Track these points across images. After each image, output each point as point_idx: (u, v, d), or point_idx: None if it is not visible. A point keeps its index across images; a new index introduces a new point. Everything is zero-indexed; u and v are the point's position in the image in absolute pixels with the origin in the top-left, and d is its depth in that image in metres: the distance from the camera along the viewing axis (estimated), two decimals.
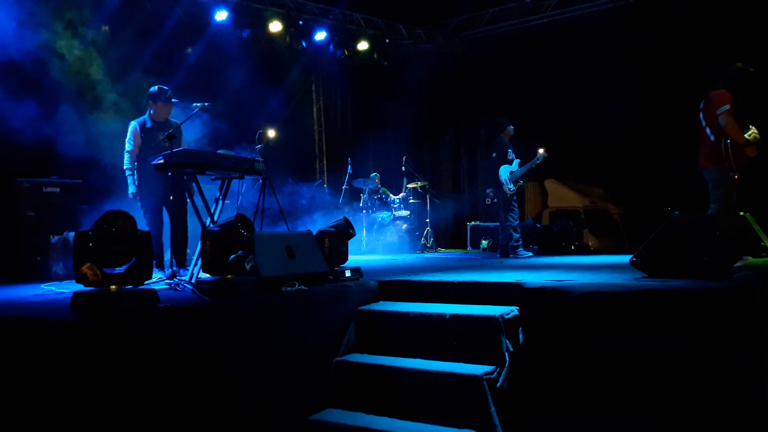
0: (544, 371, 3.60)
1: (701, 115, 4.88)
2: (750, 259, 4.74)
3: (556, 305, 3.61)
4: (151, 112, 5.31)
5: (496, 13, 11.21)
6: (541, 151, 7.46)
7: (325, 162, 12.08)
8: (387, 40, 11.16)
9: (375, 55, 11.08)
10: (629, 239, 9.77)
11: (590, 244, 9.19)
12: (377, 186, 9.85)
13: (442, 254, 9.21)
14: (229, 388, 3.13)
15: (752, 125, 4.84)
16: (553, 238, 7.81)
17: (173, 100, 5.31)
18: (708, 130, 4.78)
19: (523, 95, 10.63)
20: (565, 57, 10.39)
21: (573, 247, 7.99)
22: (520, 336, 3.73)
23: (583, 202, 10.71)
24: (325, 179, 11.80)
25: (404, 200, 9.83)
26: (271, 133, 7.43)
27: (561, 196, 11.07)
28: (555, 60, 10.55)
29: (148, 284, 3.81)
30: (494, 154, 7.63)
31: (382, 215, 9.54)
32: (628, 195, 10.54)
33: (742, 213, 5.31)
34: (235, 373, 3.17)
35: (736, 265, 4.18)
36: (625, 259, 4.40)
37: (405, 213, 9.70)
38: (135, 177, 5.25)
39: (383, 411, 3.59)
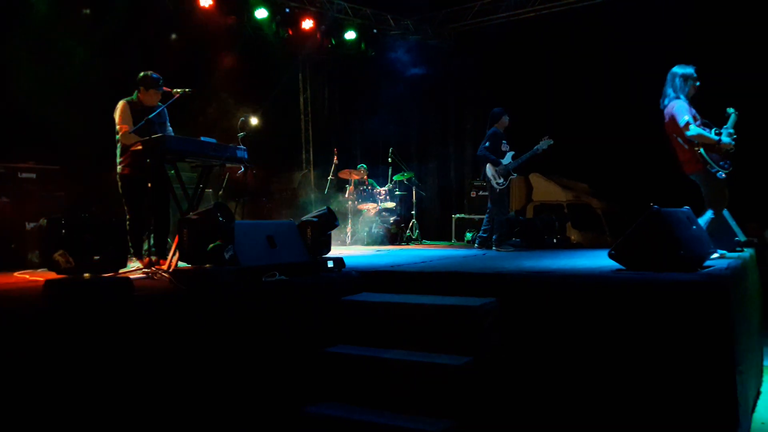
0: (522, 361, 3.62)
1: (666, 129, 4.95)
2: (725, 253, 4.80)
3: (534, 296, 3.65)
4: (140, 96, 5.19)
5: (484, 6, 11.20)
6: (545, 138, 7.19)
7: (311, 152, 12.01)
8: (375, 30, 11.11)
9: (362, 45, 11.03)
10: (611, 233, 9.85)
11: (573, 238, 9.25)
12: (363, 177, 9.82)
13: (427, 246, 9.21)
14: (207, 380, 3.10)
15: (732, 107, 4.90)
16: (536, 231, 7.84)
17: (162, 88, 5.20)
18: (680, 140, 4.85)
19: (510, 89, 10.64)
20: (550, 51, 10.42)
21: (555, 241, 8.03)
22: (500, 327, 3.74)
23: (567, 197, 10.78)
24: (312, 169, 11.74)
25: (390, 192, 9.81)
26: (254, 121, 7.36)
27: (545, 190, 11.14)
28: (541, 54, 10.57)
29: (124, 273, 3.78)
30: (487, 143, 7.36)
31: (368, 206, 9.52)
32: (611, 190, 10.63)
33: None
34: (214, 363, 3.14)
35: (711, 258, 4.23)
36: (604, 252, 4.44)
37: (391, 205, 9.68)
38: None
39: (366, 402, 3.60)
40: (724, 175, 4.77)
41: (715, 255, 4.45)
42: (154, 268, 4.23)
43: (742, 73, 8.52)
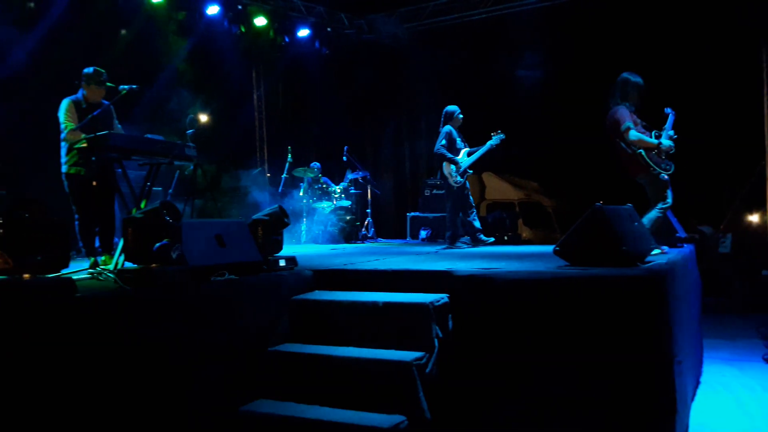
0: (473, 356, 3.69)
1: (609, 134, 5.11)
2: (666, 249, 4.97)
3: (482, 292, 3.72)
4: (84, 93, 5.07)
5: (438, 6, 11.31)
6: (497, 132, 7.22)
7: (266, 150, 11.90)
8: (329, 29, 11.08)
9: (316, 44, 10.98)
10: (561, 231, 10.10)
11: (524, 235, 9.46)
12: (318, 175, 9.78)
13: (383, 244, 9.25)
14: (153, 381, 3.04)
15: (670, 106, 5.09)
16: (487, 229, 7.97)
17: (108, 84, 5.09)
18: (622, 144, 5.01)
19: (463, 88, 10.78)
20: (502, 52, 10.61)
21: (506, 238, 8.19)
22: (450, 323, 3.80)
23: (518, 195, 11.02)
24: (266, 167, 11.63)
25: (345, 190, 9.80)
26: (204, 118, 7.24)
27: (498, 188, 11.35)
28: (493, 54, 10.75)
29: (67, 273, 3.67)
30: (443, 141, 7.33)
31: (323, 205, 9.49)
32: (561, 189, 10.90)
33: None
34: (159, 364, 3.08)
35: (652, 254, 4.38)
36: (552, 249, 4.55)
37: (346, 203, 9.67)
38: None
39: (315, 400, 3.58)
40: (666, 176, 4.95)
41: (656, 251, 4.61)
42: (99, 268, 4.12)
43: (682, 72, 8.88)
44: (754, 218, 11.71)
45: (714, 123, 10.33)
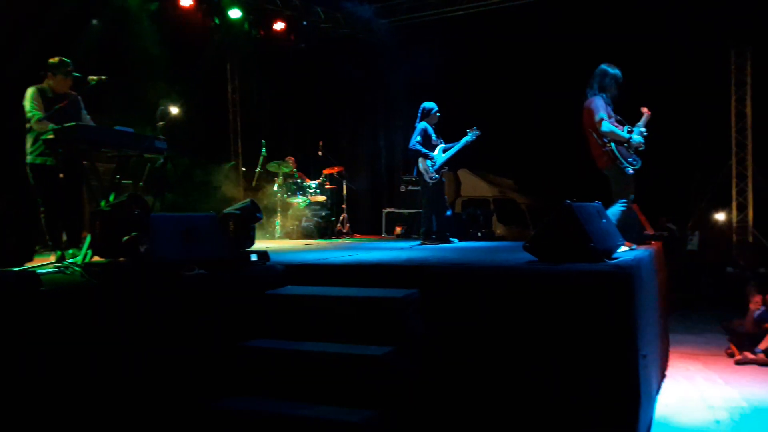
0: (443, 350, 3.71)
1: (583, 123, 5.17)
2: (634, 245, 5.06)
3: (453, 287, 3.75)
4: (50, 83, 4.96)
5: (414, 3, 11.30)
6: (472, 129, 7.23)
7: (240, 144, 11.79)
8: (305, 23, 11.00)
9: (292, 37, 10.90)
10: (535, 228, 10.20)
11: (498, 232, 9.55)
12: (292, 170, 9.71)
13: (357, 240, 9.25)
14: (121, 377, 3.01)
15: (645, 107, 5.17)
16: (461, 225, 8.03)
17: (74, 74, 4.99)
18: (594, 135, 5.08)
19: (439, 84, 10.81)
20: (479, 49, 10.66)
21: (480, 234, 8.25)
22: (421, 317, 3.82)
23: (493, 192, 11.12)
24: (240, 161, 11.53)
25: (321, 185, 9.75)
26: (174, 111, 7.13)
27: (473, 185, 11.44)
28: (470, 51, 10.80)
29: (32, 267, 3.60)
30: (419, 138, 7.32)
31: (298, 200, 9.43)
32: (535, 186, 11.03)
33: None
34: (128, 359, 3.05)
35: (620, 250, 4.46)
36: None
37: (321, 198, 9.63)
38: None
39: (288, 395, 3.58)
40: (632, 171, 5.03)
41: (624, 247, 4.69)
42: (65, 262, 4.04)
43: (654, 73, 9.03)
44: (720, 217, 12.01)
45: (684, 124, 10.55)
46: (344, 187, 10.13)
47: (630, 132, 5.10)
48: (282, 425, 3.36)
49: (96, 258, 3.87)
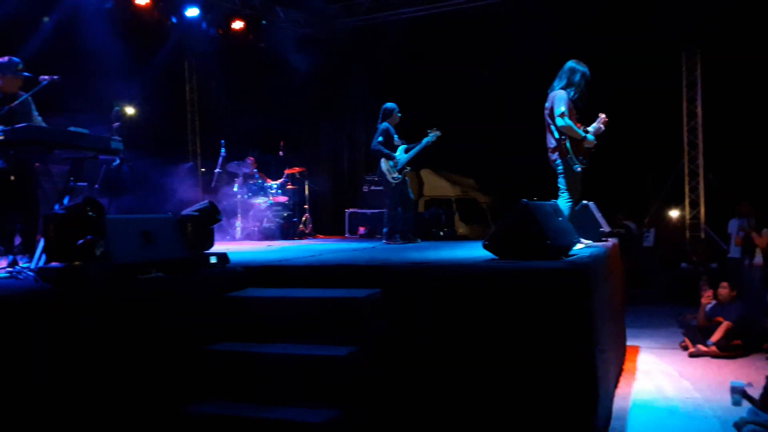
0: (406, 349, 3.73)
1: (546, 113, 5.27)
2: (590, 243, 5.20)
3: (415, 286, 3.77)
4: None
5: (375, 3, 11.33)
6: (433, 130, 7.27)
7: (198, 144, 11.61)
8: (264, 22, 10.91)
9: (251, 36, 10.80)
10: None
11: (460, 231, 9.65)
12: (253, 170, 9.60)
13: (320, 240, 9.21)
14: (80, 383, 2.93)
15: (602, 113, 5.29)
16: (424, 225, 8.08)
17: (24, 73, 4.84)
18: (552, 128, 5.18)
19: (400, 85, 10.86)
20: (440, 49, 10.75)
21: (442, 233, 8.32)
22: (383, 316, 3.83)
23: (455, 192, 11.23)
24: (199, 162, 11.35)
25: (282, 186, 9.67)
26: (130, 111, 6.99)
27: (435, 185, 11.53)
28: (431, 52, 10.89)
29: None
30: (380, 138, 7.37)
31: (259, 201, 9.33)
32: (496, 185, 11.19)
33: (585, 201, 5.82)
34: (86, 366, 2.97)
35: (576, 247, 4.57)
36: None
37: (283, 199, 9.55)
38: None
39: (250, 398, 3.55)
40: (579, 169, 5.15)
41: (580, 245, 4.81)
42: (18, 267, 3.92)
43: (609, 76, 9.25)
44: (674, 214, 12.41)
45: (639, 125, 10.86)
46: (306, 187, 10.07)
47: (586, 132, 5.23)
48: (248, 428, 3.34)
49: (50, 262, 3.76)
